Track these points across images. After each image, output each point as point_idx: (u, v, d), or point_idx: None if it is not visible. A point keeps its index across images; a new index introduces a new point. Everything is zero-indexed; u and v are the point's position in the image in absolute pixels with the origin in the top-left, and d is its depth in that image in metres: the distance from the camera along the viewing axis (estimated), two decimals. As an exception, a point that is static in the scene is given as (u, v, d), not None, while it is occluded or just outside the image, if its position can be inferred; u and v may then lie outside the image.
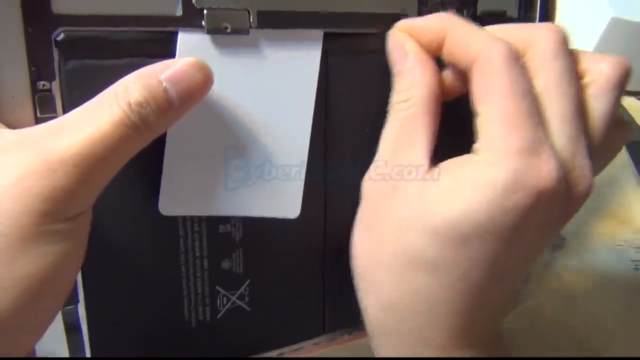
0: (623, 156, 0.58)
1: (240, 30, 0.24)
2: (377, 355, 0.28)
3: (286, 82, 0.26)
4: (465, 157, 0.24)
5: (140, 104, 0.20)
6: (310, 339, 0.32)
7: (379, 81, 0.28)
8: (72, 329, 0.25)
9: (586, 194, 0.24)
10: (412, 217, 0.24)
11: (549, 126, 0.23)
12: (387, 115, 0.26)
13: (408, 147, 0.25)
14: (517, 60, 0.23)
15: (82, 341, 0.25)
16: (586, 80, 0.25)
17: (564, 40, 0.24)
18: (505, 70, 0.23)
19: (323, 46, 0.26)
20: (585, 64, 0.25)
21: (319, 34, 0.26)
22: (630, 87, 0.25)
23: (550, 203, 0.22)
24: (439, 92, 0.26)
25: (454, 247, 0.23)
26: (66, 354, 0.25)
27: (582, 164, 0.23)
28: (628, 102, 0.67)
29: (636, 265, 0.43)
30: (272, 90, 0.25)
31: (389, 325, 0.26)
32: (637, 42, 0.62)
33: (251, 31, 0.24)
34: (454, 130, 0.26)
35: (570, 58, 0.24)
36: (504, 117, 0.22)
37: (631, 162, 0.56)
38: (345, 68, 0.27)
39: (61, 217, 0.19)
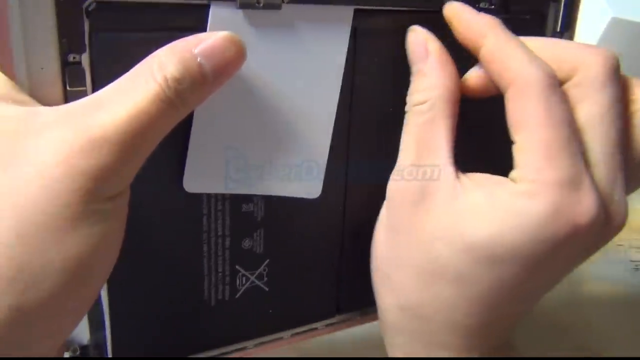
0: None
1: (272, 5, 0.23)
2: (389, 352, 0.28)
3: (314, 60, 0.25)
4: (501, 179, 0.24)
5: (176, 80, 0.19)
6: (324, 320, 0.32)
7: (405, 61, 0.27)
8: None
9: (620, 228, 0.24)
10: (442, 228, 0.24)
11: (588, 157, 0.23)
12: (405, 116, 0.26)
13: (432, 150, 0.25)
14: (555, 87, 0.23)
15: (103, 315, 0.25)
16: (634, 108, 0.25)
17: (614, 69, 0.23)
18: (543, 98, 0.22)
19: (353, 23, 0.25)
20: (635, 94, 0.25)
21: (349, 10, 0.25)
22: None
23: (586, 236, 0.22)
24: (458, 96, 0.25)
25: (482, 266, 0.23)
26: (86, 330, 0.25)
27: (619, 198, 0.23)
28: None
29: (636, 265, 0.44)
30: (300, 67, 0.25)
31: (405, 325, 0.26)
32: (637, 42, 0.63)
33: (283, 6, 0.23)
34: (470, 132, 0.26)
35: (619, 87, 0.24)
36: (542, 147, 0.22)
37: None
38: (374, 46, 0.27)
39: (105, 195, 0.19)
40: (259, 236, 0.27)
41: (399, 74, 0.28)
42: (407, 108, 0.26)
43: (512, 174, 0.23)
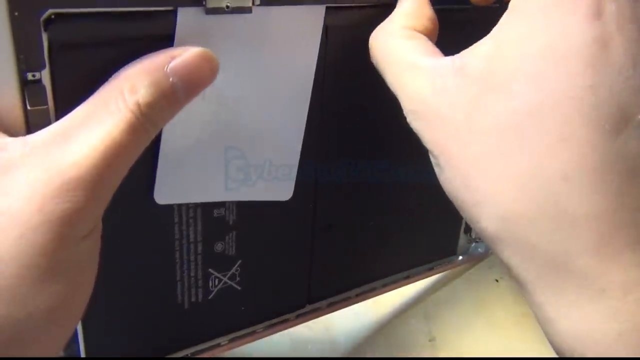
0: None
1: (241, 9, 0.22)
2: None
3: (286, 61, 0.24)
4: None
5: (150, 105, 0.18)
6: (295, 311, 0.32)
7: None
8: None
9: None
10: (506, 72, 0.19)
11: None
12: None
13: (403, 63, 0.22)
14: None
15: (76, 328, 0.24)
16: None
17: None
18: None
19: (324, 21, 0.25)
20: None
21: (321, 9, 0.24)
22: None
23: None
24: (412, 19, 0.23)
25: (532, 94, 0.18)
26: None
27: None
28: None
29: None
30: (272, 70, 0.24)
31: (517, 246, 0.19)
32: None
33: (253, 9, 0.22)
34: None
35: None
36: None
37: None
38: (346, 43, 0.26)
39: (80, 235, 0.18)
40: (231, 239, 0.27)
41: (371, 70, 0.27)
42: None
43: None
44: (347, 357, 0.35)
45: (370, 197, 0.32)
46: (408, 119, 0.22)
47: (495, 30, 0.20)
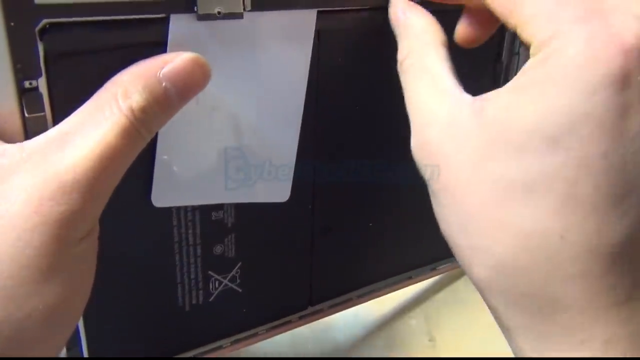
0: None
1: (233, 15, 0.23)
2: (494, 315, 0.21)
3: (279, 65, 0.25)
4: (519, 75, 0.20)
5: (142, 109, 0.19)
6: (297, 313, 0.32)
7: (370, 58, 0.27)
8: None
9: None
10: (492, 145, 0.19)
11: None
12: (402, 79, 0.24)
13: (432, 83, 0.22)
14: None
15: (78, 331, 0.25)
16: None
17: None
18: None
19: (316, 26, 0.25)
20: None
21: (312, 13, 0.25)
22: None
23: None
24: (443, 37, 0.23)
25: (545, 156, 0.18)
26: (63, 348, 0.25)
27: None
28: None
29: None
30: (265, 74, 0.25)
31: (506, 294, 0.20)
32: None
33: (245, 15, 0.23)
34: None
35: None
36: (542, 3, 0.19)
37: None
38: (338, 47, 0.27)
39: (77, 237, 0.18)
40: (230, 241, 0.28)
41: (364, 73, 0.28)
42: (398, 69, 0.24)
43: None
44: (347, 357, 0.36)
45: (370, 198, 0.32)
46: (413, 142, 0.22)
47: (520, 79, 0.19)
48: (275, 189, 0.27)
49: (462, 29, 0.25)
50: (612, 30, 0.17)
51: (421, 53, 0.22)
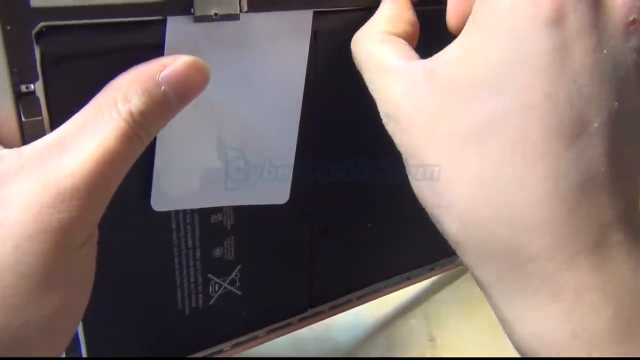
0: None
1: (230, 16, 0.23)
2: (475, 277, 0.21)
3: (276, 66, 0.25)
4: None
5: (142, 113, 0.19)
6: (297, 315, 0.32)
7: None
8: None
9: None
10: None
11: None
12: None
13: (380, 64, 0.23)
14: None
15: (77, 335, 0.25)
16: None
17: None
18: None
19: (312, 26, 0.25)
20: None
21: (308, 14, 0.25)
22: None
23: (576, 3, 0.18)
24: (393, 25, 0.24)
25: (491, 104, 0.18)
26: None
27: None
28: None
29: None
30: (262, 75, 0.25)
31: (473, 247, 0.20)
32: None
33: (241, 16, 0.23)
34: None
35: None
36: None
37: None
38: (335, 47, 0.26)
39: (76, 244, 0.18)
40: (230, 244, 0.27)
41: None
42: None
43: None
44: (347, 357, 0.36)
45: (369, 199, 0.32)
46: (383, 122, 0.23)
47: (463, 34, 0.20)
48: (275, 190, 0.27)
49: (452, 13, 0.23)
50: None
51: (364, 39, 0.24)
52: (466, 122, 0.19)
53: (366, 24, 0.25)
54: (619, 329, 0.17)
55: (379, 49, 0.23)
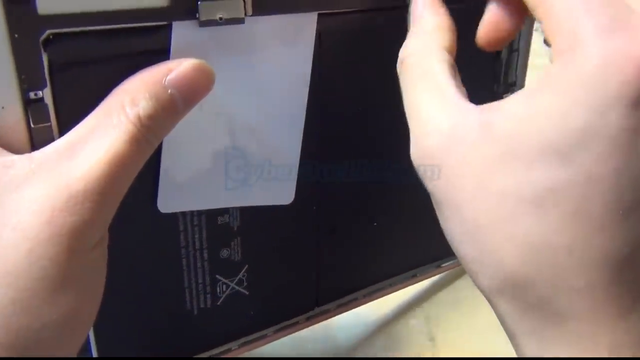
0: None
1: (235, 20, 0.23)
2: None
3: (281, 68, 0.25)
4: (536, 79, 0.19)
5: (150, 117, 0.19)
6: (304, 314, 0.32)
7: (371, 59, 0.27)
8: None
9: None
10: (499, 160, 0.19)
11: None
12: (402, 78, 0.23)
13: (434, 88, 0.21)
14: None
15: (88, 336, 0.25)
16: None
17: None
18: None
19: (317, 28, 0.25)
20: None
21: (313, 16, 0.25)
22: None
23: None
24: (452, 39, 0.22)
25: (555, 171, 0.18)
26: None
27: None
28: None
29: None
30: (268, 77, 0.25)
31: (512, 305, 0.20)
32: None
33: (246, 19, 0.23)
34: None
35: None
36: (572, 3, 0.18)
37: None
38: (339, 48, 0.27)
39: (89, 247, 0.18)
40: (237, 245, 0.28)
41: (366, 73, 0.28)
42: (397, 68, 0.23)
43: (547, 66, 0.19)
44: (347, 357, 0.36)
45: (374, 198, 0.32)
46: (412, 150, 0.21)
47: (530, 89, 0.19)
48: (280, 191, 0.27)
49: (486, 27, 0.23)
50: (632, 48, 0.17)
51: (425, 53, 0.22)
52: (526, 186, 0.18)
53: (420, 29, 0.23)
54: None
55: (441, 69, 0.21)
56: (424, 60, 0.22)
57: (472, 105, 0.20)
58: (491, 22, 0.22)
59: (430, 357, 0.25)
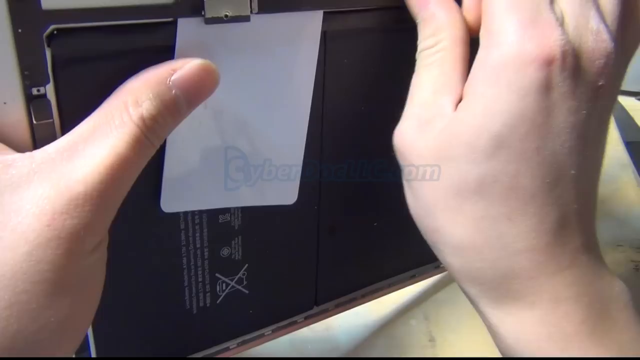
0: (623, 156, 0.59)
1: (240, 17, 0.22)
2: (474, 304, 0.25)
3: (286, 67, 0.25)
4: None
5: (154, 118, 0.19)
6: (303, 313, 0.32)
7: (376, 59, 0.27)
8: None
9: (607, 56, 0.22)
10: (447, 147, 0.22)
11: None
12: (416, 63, 0.25)
13: (446, 88, 0.23)
14: None
15: (87, 335, 0.25)
16: None
17: None
18: None
19: (322, 27, 0.25)
20: None
21: (318, 14, 0.25)
22: (630, 87, 0.25)
23: (565, 72, 0.21)
24: (466, 35, 0.24)
25: (492, 154, 0.21)
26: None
27: (596, 28, 0.22)
28: (628, 102, 0.68)
29: (636, 266, 0.44)
30: (272, 76, 0.24)
31: (465, 268, 0.23)
32: None
33: (251, 17, 0.23)
34: None
35: None
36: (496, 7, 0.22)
37: (631, 162, 0.58)
38: (344, 47, 0.26)
39: (88, 250, 0.18)
40: (237, 244, 0.28)
41: (371, 73, 0.28)
42: (416, 56, 0.25)
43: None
44: (347, 357, 0.36)
45: (375, 198, 0.32)
46: (397, 128, 0.25)
47: (469, 81, 0.23)
48: (283, 191, 0.27)
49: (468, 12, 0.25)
50: (543, 41, 0.21)
51: (443, 57, 0.24)
52: (468, 171, 0.22)
53: (430, 26, 0.25)
54: (587, 330, 0.21)
55: (459, 65, 0.24)
56: (444, 54, 0.24)
57: (447, 101, 0.23)
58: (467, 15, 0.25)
59: (430, 357, 0.26)
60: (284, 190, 0.27)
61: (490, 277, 0.23)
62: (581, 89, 0.22)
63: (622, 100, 0.68)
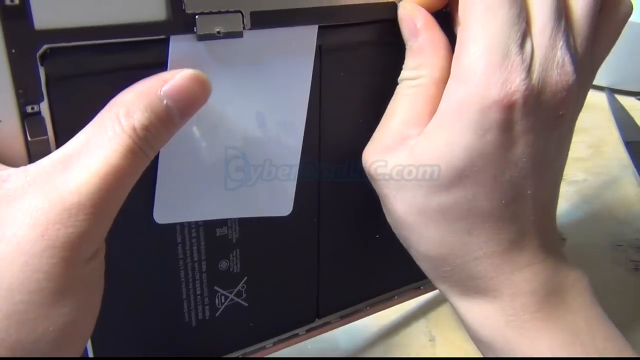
0: (623, 156, 0.58)
1: (233, 34, 0.23)
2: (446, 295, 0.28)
3: (281, 83, 0.25)
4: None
5: (145, 128, 0.19)
6: (305, 325, 0.32)
7: (371, 72, 0.27)
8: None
9: (568, 89, 0.23)
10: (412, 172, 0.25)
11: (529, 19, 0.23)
12: (396, 88, 0.27)
13: (413, 122, 0.25)
14: None
15: (86, 347, 0.25)
16: None
17: None
18: None
19: (317, 41, 0.25)
20: None
21: (313, 29, 0.25)
22: (630, 87, 0.25)
23: (525, 111, 0.23)
24: (446, 76, 0.25)
25: (452, 184, 0.24)
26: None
27: (561, 60, 0.23)
28: (628, 102, 0.67)
29: (636, 265, 0.44)
30: (267, 92, 0.25)
31: (435, 271, 0.27)
32: (637, 42, 0.62)
33: (244, 33, 0.23)
34: None
35: None
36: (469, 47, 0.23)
37: (631, 162, 0.57)
38: (340, 61, 0.27)
39: (84, 259, 0.19)
40: (235, 257, 0.28)
41: (366, 86, 0.28)
42: (398, 79, 0.27)
43: None
44: (347, 357, 0.36)
45: (375, 210, 0.32)
46: (367, 146, 0.27)
47: (436, 114, 0.24)
48: (278, 203, 0.27)
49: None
50: (508, 87, 0.22)
51: (422, 91, 0.25)
52: (429, 198, 0.25)
53: (417, 57, 0.26)
54: (542, 317, 0.25)
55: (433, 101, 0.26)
56: (416, 97, 0.26)
57: (412, 133, 0.25)
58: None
59: (430, 357, 0.26)
60: (278, 202, 0.27)
61: (456, 278, 0.26)
62: (541, 120, 0.23)
63: (622, 100, 0.66)
